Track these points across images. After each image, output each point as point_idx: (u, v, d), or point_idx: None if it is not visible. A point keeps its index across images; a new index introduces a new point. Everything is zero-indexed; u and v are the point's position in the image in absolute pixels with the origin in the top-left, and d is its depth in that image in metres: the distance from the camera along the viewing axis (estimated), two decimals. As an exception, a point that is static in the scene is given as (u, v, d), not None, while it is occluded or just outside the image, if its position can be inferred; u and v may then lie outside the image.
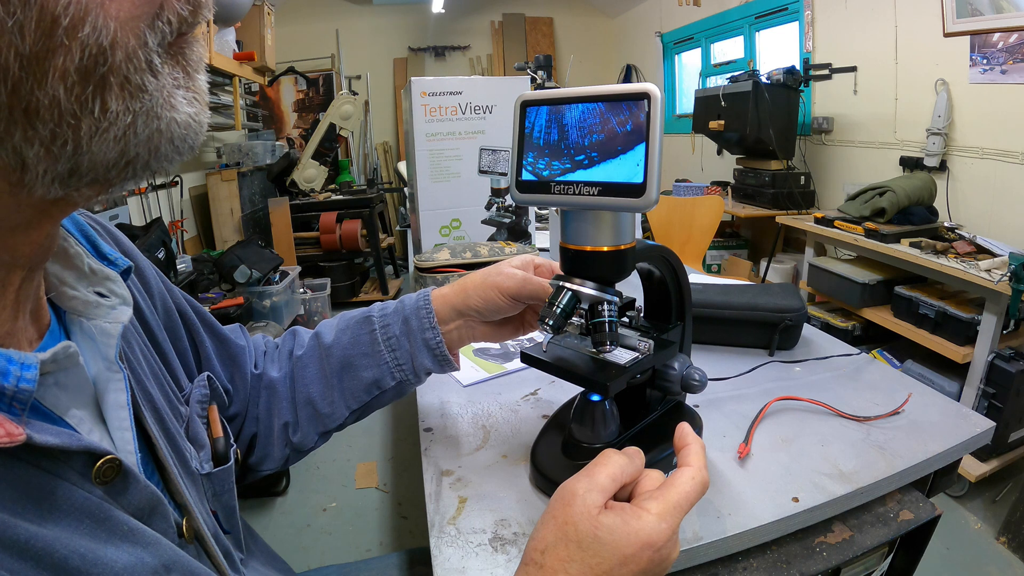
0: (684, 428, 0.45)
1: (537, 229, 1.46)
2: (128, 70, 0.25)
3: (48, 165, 0.26)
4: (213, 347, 0.58)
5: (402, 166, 3.84)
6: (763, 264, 2.88)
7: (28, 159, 0.25)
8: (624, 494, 0.43)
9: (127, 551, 0.31)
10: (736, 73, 2.87)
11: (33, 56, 0.23)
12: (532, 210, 1.33)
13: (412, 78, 1.21)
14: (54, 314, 0.37)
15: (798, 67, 2.72)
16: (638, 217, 1.31)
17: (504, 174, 1.27)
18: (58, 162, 0.26)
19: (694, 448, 0.44)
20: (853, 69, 2.63)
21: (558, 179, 0.46)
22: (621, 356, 0.53)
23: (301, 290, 3.27)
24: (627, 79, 4.83)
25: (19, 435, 0.26)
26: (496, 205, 1.30)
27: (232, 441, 0.52)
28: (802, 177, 2.78)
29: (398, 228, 4.43)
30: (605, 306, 0.49)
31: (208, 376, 0.52)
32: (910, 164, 2.34)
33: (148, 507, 0.35)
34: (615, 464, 0.42)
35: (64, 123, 0.25)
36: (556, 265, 0.60)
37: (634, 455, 0.44)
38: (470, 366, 0.83)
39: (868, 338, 2.20)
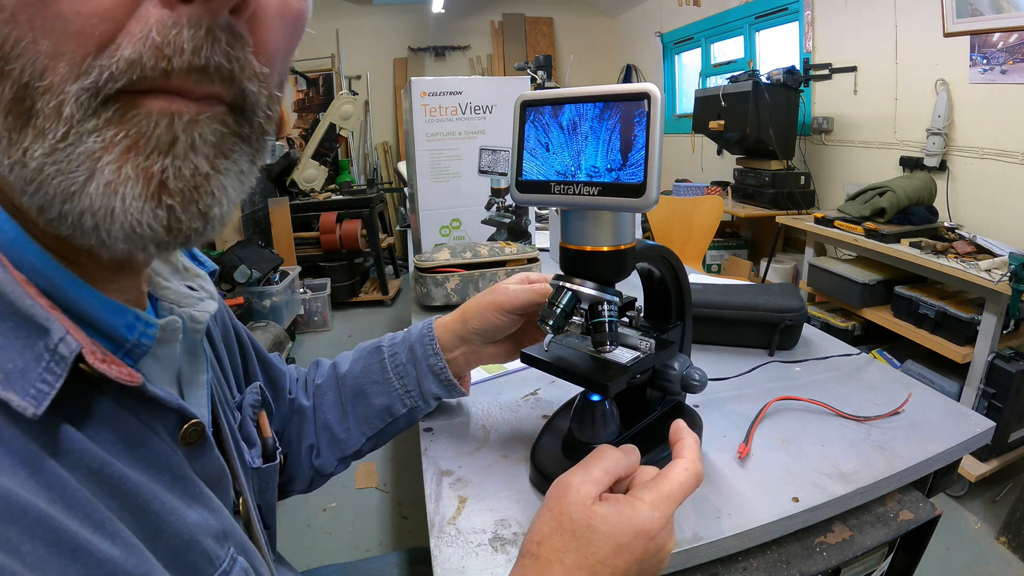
0: (679, 424, 0.46)
1: (537, 229, 1.46)
2: (47, 113, 0.24)
3: (24, 197, 0.26)
4: (259, 367, 0.61)
5: (402, 166, 3.84)
6: (763, 264, 2.88)
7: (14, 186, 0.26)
8: (620, 489, 0.43)
9: (196, 511, 0.34)
10: (736, 73, 2.87)
11: None
12: (532, 210, 1.33)
13: (412, 78, 1.21)
14: (149, 301, 0.41)
15: (798, 67, 2.72)
16: (638, 217, 1.31)
17: (504, 174, 1.27)
18: (22, 196, 0.26)
19: (688, 442, 0.44)
20: (853, 69, 2.63)
21: (558, 179, 0.46)
22: (621, 356, 0.53)
23: (301, 290, 3.28)
24: (627, 79, 4.83)
25: (138, 378, 0.30)
26: (496, 205, 1.30)
27: (278, 444, 0.55)
28: (802, 177, 2.78)
29: (398, 228, 4.43)
30: (605, 306, 0.49)
31: (260, 385, 0.56)
32: (910, 164, 2.34)
33: (216, 477, 0.38)
34: (609, 458, 0.43)
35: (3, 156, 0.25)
36: (550, 278, 0.61)
37: (629, 451, 0.44)
38: (470, 366, 0.83)
39: (868, 338, 2.20)
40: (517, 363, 0.83)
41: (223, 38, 0.26)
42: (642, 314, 0.60)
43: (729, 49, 3.72)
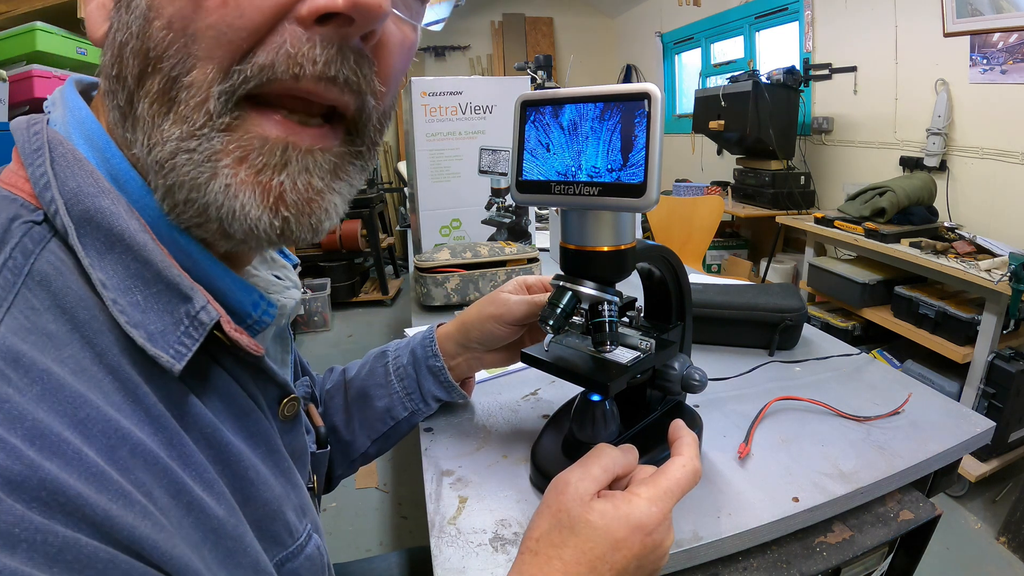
0: (677, 423, 0.46)
1: (537, 229, 1.46)
2: (186, 100, 0.29)
3: (158, 180, 0.30)
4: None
5: (402, 166, 3.84)
6: (763, 264, 2.88)
7: (147, 165, 0.30)
8: (619, 487, 0.43)
9: (282, 484, 0.36)
10: (736, 73, 2.87)
11: (138, 76, 0.29)
12: (532, 210, 1.33)
13: (412, 78, 1.21)
14: None
15: (798, 67, 2.72)
16: (638, 217, 1.31)
17: (504, 174, 1.27)
18: (158, 176, 0.30)
19: (686, 440, 0.45)
20: (853, 69, 2.63)
21: (558, 179, 0.46)
22: (622, 356, 0.53)
23: (301, 290, 3.27)
24: (627, 79, 4.83)
25: (261, 349, 0.33)
26: (496, 205, 1.30)
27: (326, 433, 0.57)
28: (802, 177, 2.78)
29: (398, 228, 4.43)
30: (605, 306, 0.49)
31: (309, 379, 0.58)
32: (910, 164, 2.34)
33: (299, 453, 0.41)
34: (608, 456, 0.43)
35: (145, 133, 0.30)
36: (547, 279, 0.62)
37: (628, 450, 0.45)
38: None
39: (868, 338, 2.20)
40: (517, 363, 0.83)
41: (351, 57, 0.30)
42: (642, 314, 0.60)
43: (729, 49, 3.72)
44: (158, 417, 0.28)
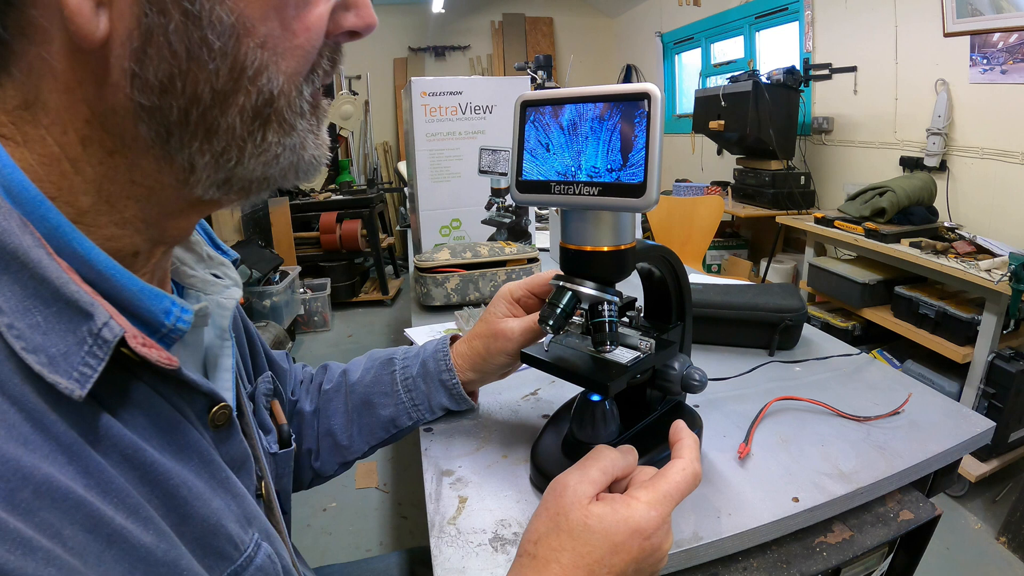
0: (678, 424, 0.46)
1: (537, 229, 1.46)
2: (285, 112, 0.33)
3: (211, 173, 0.32)
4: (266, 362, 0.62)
5: (402, 166, 3.84)
6: (763, 264, 2.88)
7: (198, 166, 0.32)
8: (618, 489, 0.43)
9: (221, 496, 0.35)
10: (736, 73, 2.87)
11: (222, 92, 0.30)
12: (532, 210, 1.33)
13: (412, 78, 1.21)
14: (175, 290, 0.43)
15: (798, 67, 2.71)
16: (638, 217, 1.31)
17: (504, 174, 1.27)
18: (219, 172, 0.32)
19: (687, 442, 0.44)
20: (853, 69, 2.63)
21: (558, 179, 0.46)
22: (622, 356, 0.53)
23: (301, 290, 3.28)
24: (627, 79, 4.83)
25: (176, 362, 0.31)
26: (496, 205, 1.30)
27: (292, 431, 0.56)
28: (802, 177, 2.78)
29: (398, 228, 4.43)
30: (605, 306, 0.49)
31: (271, 375, 0.57)
32: (910, 164, 2.34)
33: (240, 461, 0.39)
34: (607, 458, 0.43)
35: (234, 144, 0.32)
36: (532, 282, 0.62)
37: (627, 452, 0.44)
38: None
39: (868, 338, 2.20)
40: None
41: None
42: (642, 314, 0.60)
43: (729, 49, 3.72)
44: (70, 445, 0.26)
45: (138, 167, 0.32)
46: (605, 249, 0.48)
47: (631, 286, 0.54)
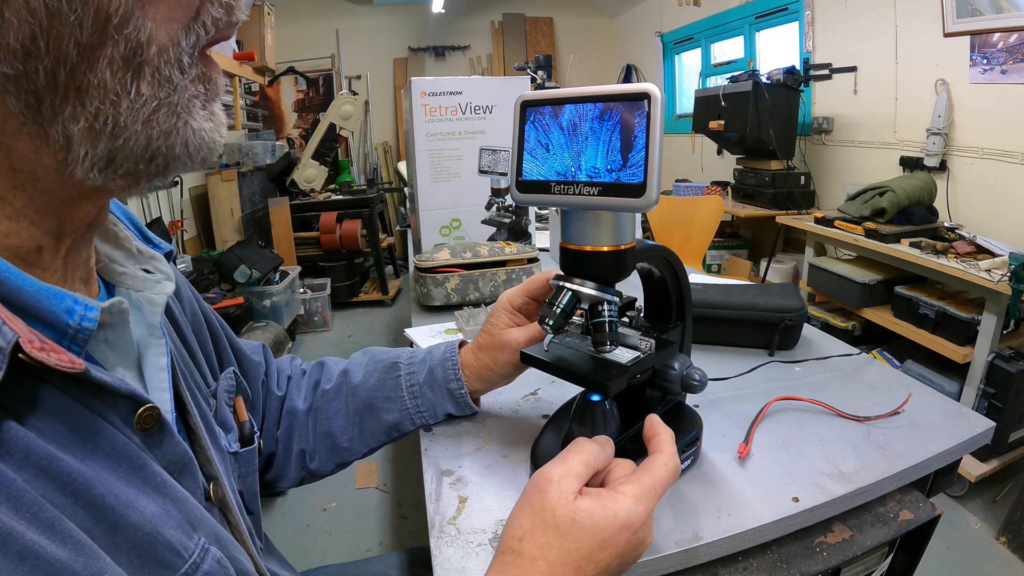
0: (653, 419, 0.46)
1: (537, 229, 1.46)
2: (159, 63, 0.30)
3: (89, 148, 0.30)
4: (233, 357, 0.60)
5: (402, 166, 3.84)
6: (763, 264, 2.88)
7: (73, 138, 0.29)
8: (596, 482, 0.43)
9: (156, 501, 0.33)
10: (736, 73, 2.87)
11: (88, 45, 0.28)
12: (532, 210, 1.33)
13: (412, 78, 1.21)
14: (104, 288, 0.41)
15: (798, 67, 2.71)
16: (638, 217, 1.31)
17: (504, 174, 1.27)
18: (97, 144, 0.30)
19: (664, 437, 0.44)
20: (853, 69, 2.63)
21: (558, 179, 0.46)
22: (622, 356, 0.53)
23: (301, 290, 3.28)
24: (627, 79, 4.83)
25: (80, 364, 0.29)
26: (496, 205, 1.30)
27: (256, 428, 0.54)
28: (802, 177, 2.78)
29: (398, 228, 4.43)
30: (605, 306, 0.49)
31: (234, 371, 0.55)
32: (910, 164, 2.34)
33: (180, 464, 0.37)
34: (587, 451, 0.42)
35: (107, 100, 0.29)
36: (530, 286, 0.62)
37: (604, 443, 0.44)
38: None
39: (868, 338, 2.20)
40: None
41: None
42: (642, 314, 0.60)
43: (729, 49, 3.72)
44: None
45: (15, 151, 0.29)
46: (605, 249, 0.48)
47: (631, 286, 0.54)
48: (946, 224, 2.06)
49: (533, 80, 2.62)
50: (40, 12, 0.26)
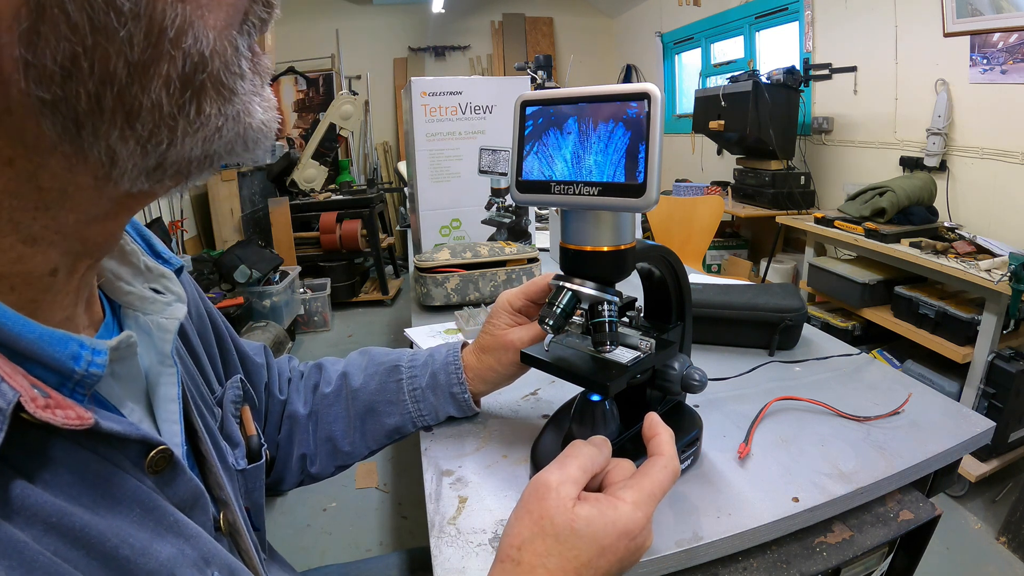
0: (652, 418, 0.45)
1: (537, 229, 1.46)
2: (222, 76, 0.27)
3: (138, 161, 0.27)
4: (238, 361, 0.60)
5: (402, 166, 3.84)
6: (763, 264, 2.88)
7: (120, 156, 0.26)
8: (594, 484, 0.43)
9: (171, 542, 0.32)
10: (736, 73, 2.87)
11: (139, 64, 0.24)
12: (532, 210, 1.33)
13: (412, 78, 1.21)
14: (108, 307, 0.38)
15: (798, 67, 2.71)
16: (638, 217, 1.31)
17: (504, 174, 1.27)
18: (148, 158, 0.27)
19: (664, 437, 0.44)
20: (853, 69, 2.63)
21: (558, 179, 0.46)
22: (622, 356, 0.53)
23: (301, 290, 3.28)
24: (627, 79, 4.83)
25: (88, 419, 0.27)
26: (496, 205, 1.30)
27: (263, 441, 0.53)
28: (802, 177, 2.78)
29: (398, 228, 4.43)
30: (605, 306, 0.49)
31: (241, 379, 0.54)
32: (910, 164, 2.34)
33: (191, 499, 0.36)
34: (585, 455, 0.42)
35: (163, 124, 0.26)
36: (529, 288, 0.62)
37: (602, 445, 0.43)
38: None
39: (868, 338, 2.20)
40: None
41: None
42: (642, 314, 0.60)
43: (729, 49, 3.72)
44: None
45: (45, 170, 0.26)
46: (605, 249, 0.48)
47: (631, 286, 0.54)
48: (946, 224, 2.06)
49: (533, 80, 2.62)
50: (83, 28, 0.22)
